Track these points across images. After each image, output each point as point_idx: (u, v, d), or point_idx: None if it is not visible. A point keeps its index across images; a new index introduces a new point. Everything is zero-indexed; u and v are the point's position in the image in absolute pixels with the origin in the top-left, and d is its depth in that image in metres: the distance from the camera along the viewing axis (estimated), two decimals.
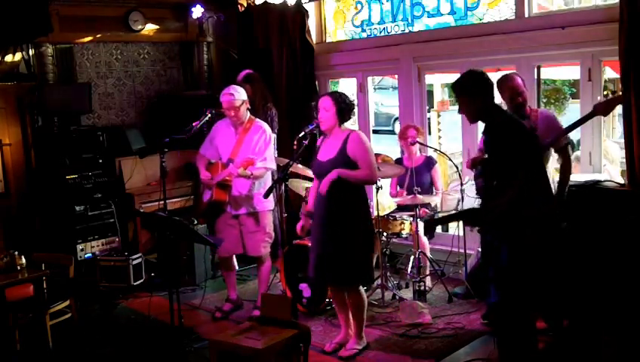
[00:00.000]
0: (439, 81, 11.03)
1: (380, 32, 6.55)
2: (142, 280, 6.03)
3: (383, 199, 5.54)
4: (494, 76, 10.22)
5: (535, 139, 3.86)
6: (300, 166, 5.44)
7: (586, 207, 4.25)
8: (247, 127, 4.99)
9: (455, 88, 3.83)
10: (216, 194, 4.93)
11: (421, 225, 5.61)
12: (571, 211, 4.27)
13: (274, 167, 5.11)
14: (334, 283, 4.46)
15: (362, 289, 4.43)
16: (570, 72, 8.95)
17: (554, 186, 4.52)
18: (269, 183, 5.06)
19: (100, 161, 6.31)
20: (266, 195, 4.57)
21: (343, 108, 4.25)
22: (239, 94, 4.95)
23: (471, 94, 3.74)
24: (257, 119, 5.10)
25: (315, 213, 4.39)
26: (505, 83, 4.57)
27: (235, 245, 5.10)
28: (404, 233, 5.48)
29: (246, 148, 4.92)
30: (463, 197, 5.27)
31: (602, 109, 4.26)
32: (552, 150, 4.53)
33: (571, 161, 4.55)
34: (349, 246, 4.22)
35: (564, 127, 4.46)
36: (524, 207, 3.57)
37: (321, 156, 4.34)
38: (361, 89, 6.83)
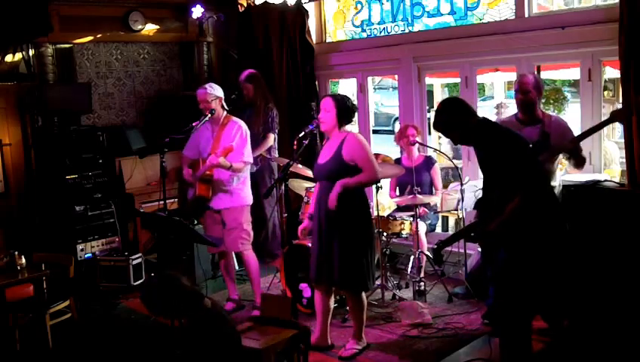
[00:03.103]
0: (439, 81, 11.03)
1: (380, 32, 6.56)
2: (142, 280, 6.03)
3: (383, 199, 5.55)
4: (494, 76, 10.19)
5: (526, 145, 3.84)
6: (299, 166, 5.44)
7: (586, 207, 4.25)
8: (224, 124, 5.06)
9: (438, 127, 3.84)
10: (199, 189, 4.97)
11: (422, 225, 5.61)
12: (571, 211, 4.27)
13: (251, 160, 5.15)
14: (343, 288, 4.46)
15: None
16: (570, 71, 8.95)
17: (559, 189, 4.52)
18: (248, 179, 5.15)
19: (100, 161, 6.31)
20: (266, 195, 4.58)
21: (344, 110, 4.25)
22: (213, 90, 5.04)
23: (451, 126, 3.76)
24: (234, 117, 5.14)
25: (316, 215, 4.39)
26: (516, 80, 4.57)
27: (221, 241, 5.12)
28: (404, 233, 5.48)
29: (224, 144, 4.96)
30: (463, 197, 5.27)
31: (620, 116, 4.11)
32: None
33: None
34: (355, 250, 4.22)
35: (575, 135, 4.35)
36: (529, 215, 3.58)
37: (320, 159, 4.35)
38: (361, 89, 6.84)
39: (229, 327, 3.23)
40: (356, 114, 4.56)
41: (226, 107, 5.13)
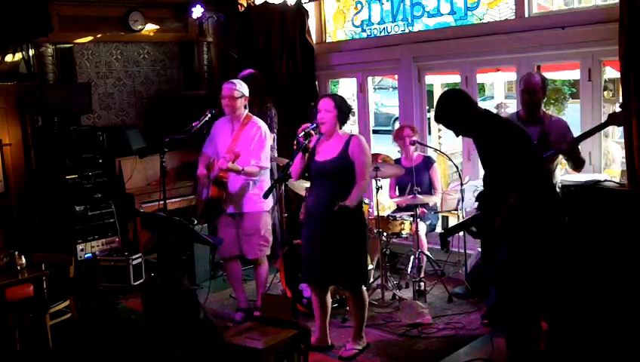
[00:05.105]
0: (439, 81, 11.02)
1: (380, 32, 6.56)
2: (142, 280, 6.02)
3: (383, 199, 5.55)
4: (494, 76, 10.20)
5: (529, 139, 3.85)
6: None
7: (586, 207, 4.25)
8: (245, 123, 5.00)
9: (439, 118, 3.85)
10: (213, 191, 4.92)
11: (422, 225, 5.61)
12: (571, 211, 4.27)
13: (268, 165, 5.07)
14: (343, 286, 4.47)
15: (364, 288, 4.44)
16: (570, 71, 8.95)
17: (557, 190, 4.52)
18: (266, 183, 5.05)
19: (100, 161, 6.30)
20: (266, 195, 4.56)
21: (343, 110, 4.27)
22: (241, 87, 4.98)
23: (452, 117, 3.76)
24: (255, 117, 5.09)
25: (312, 215, 4.39)
26: (522, 78, 4.59)
27: (233, 246, 5.06)
28: (404, 233, 5.48)
29: (242, 144, 4.90)
30: (463, 197, 5.27)
31: (618, 120, 4.16)
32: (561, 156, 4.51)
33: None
34: (353, 247, 4.23)
35: (575, 136, 4.40)
36: (528, 210, 3.58)
37: (319, 157, 4.33)
38: (361, 89, 6.84)
39: (219, 340, 3.22)
40: (355, 112, 4.57)
41: (247, 106, 5.07)
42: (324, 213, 4.23)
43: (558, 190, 4.43)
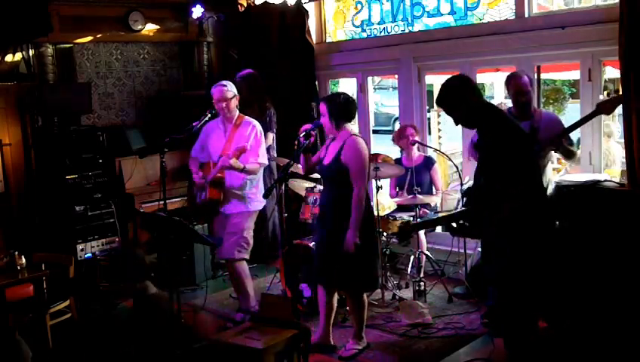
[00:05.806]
0: (439, 81, 11.03)
1: (380, 32, 6.56)
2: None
3: (383, 199, 5.55)
4: (494, 76, 10.21)
5: (527, 138, 3.86)
6: (299, 166, 5.43)
7: (586, 207, 4.25)
8: (238, 124, 4.97)
9: (441, 103, 3.85)
10: (210, 192, 4.87)
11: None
12: (571, 211, 4.27)
13: (266, 162, 5.07)
14: (342, 289, 4.48)
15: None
16: (570, 72, 8.97)
17: (551, 187, 4.53)
18: (262, 182, 5.06)
19: (100, 161, 6.30)
20: (266, 195, 4.55)
21: (335, 110, 4.26)
22: (231, 86, 4.96)
23: (455, 103, 3.75)
24: (247, 117, 5.06)
25: (320, 216, 4.43)
26: (511, 80, 4.61)
27: (222, 242, 4.99)
28: None
29: (238, 144, 4.87)
30: (463, 197, 5.26)
31: (606, 108, 4.24)
32: (552, 151, 4.55)
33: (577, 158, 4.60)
34: (355, 253, 4.22)
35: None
36: (526, 210, 3.58)
37: (325, 160, 4.38)
38: (361, 89, 6.83)
39: (160, 316, 3.23)
40: (356, 110, 4.55)
41: (238, 106, 5.05)
42: (328, 215, 4.27)
43: (551, 189, 4.46)
